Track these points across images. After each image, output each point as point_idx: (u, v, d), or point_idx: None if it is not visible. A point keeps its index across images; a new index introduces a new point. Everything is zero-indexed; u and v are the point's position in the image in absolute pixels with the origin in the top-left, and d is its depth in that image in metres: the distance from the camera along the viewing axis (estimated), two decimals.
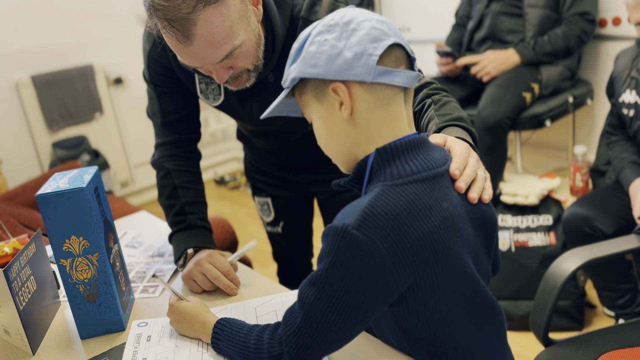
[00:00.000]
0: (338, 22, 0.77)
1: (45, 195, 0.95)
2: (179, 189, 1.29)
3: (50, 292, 1.14)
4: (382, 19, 0.79)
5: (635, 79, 1.72)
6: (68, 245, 0.98)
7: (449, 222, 0.76)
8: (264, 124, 1.29)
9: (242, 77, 1.11)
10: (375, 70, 0.75)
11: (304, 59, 0.78)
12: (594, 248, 1.34)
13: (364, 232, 0.71)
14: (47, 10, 3.18)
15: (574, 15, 2.20)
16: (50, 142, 3.26)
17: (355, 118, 0.78)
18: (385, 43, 0.76)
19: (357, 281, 0.71)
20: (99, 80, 3.38)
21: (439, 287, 0.76)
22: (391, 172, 0.76)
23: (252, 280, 1.18)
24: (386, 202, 0.73)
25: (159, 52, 1.24)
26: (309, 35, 0.79)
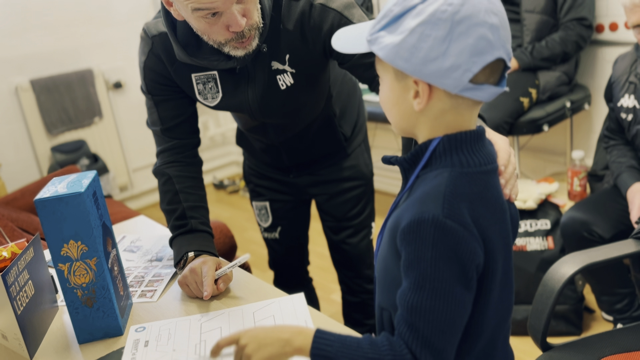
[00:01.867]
0: (449, 18, 0.69)
1: (43, 200, 0.95)
2: (180, 193, 1.29)
3: (48, 296, 1.14)
4: (497, 23, 0.71)
5: (633, 83, 1.73)
6: (66, 249, 0.99)
7: (504, 215, 0.79)
8: (262, 114, 1.31)
9: (251, 35, 1.14)
10: (464, 86, 0.72)
11: (400, 47, 0.72)
12: (592, 252, 1.35)
13: (455, 218, 0.71)
14: (46, 15, 3.19)
15: (571, 21, 2.21)
16: (49, 146, 3.27)
17: (426, 111, 0.76)
18: (486, 59, 0.71)
19: (462, 267, 0.72)
20: (99, 84, 3.39)
21: (494, 276, 0.77)
22: (460, 159, 0.76)
23: (250, 284, 1.18)
24: (463, 188, 0.74)
25: (154, 62, 1.27)
26: (412, 7, 0.71)
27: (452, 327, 0.73)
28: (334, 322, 1.02)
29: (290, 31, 1.22)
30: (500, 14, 0.72)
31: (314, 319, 1.03)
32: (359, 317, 1.72)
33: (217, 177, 4.05)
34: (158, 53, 1.26)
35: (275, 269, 1.75)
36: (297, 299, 1.09)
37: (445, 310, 0.72)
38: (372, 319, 1.75)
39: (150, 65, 1.28)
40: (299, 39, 1.23)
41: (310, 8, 1.21)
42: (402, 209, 0.77)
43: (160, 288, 1.20)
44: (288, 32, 1.22)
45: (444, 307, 0.72)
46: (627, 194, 1.71)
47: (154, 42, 1.25)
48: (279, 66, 1.25)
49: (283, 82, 1.27)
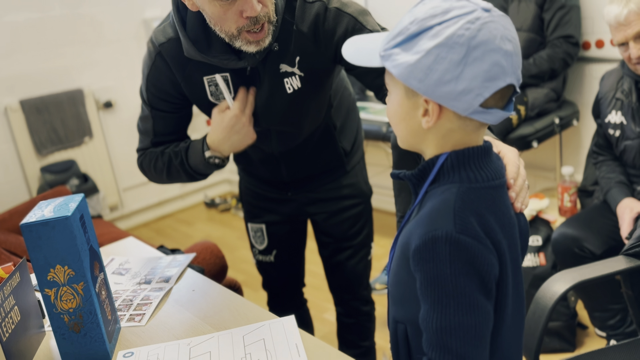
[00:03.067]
0: (466, 42, 0.70)
1: (29, 224, 0.94)
2: (164, 152, 1.38)
3: (35, 321, 1.12)
4: (511, 50, 0.72)
5: (620, 100, 1.75)
6: (53, 274, 0.97)
7: (514, 229, 0.80)
8: (266, 119, 1.31)
9: (264, 27, 1.15)
10: (474, 109, 0.73)
11: (415, 67, 0.72)
12: (583, 270, 1.35)
13: (468, 233, 0.72)
14: (36, 35, 3.19)
15: (558, 39, 2.24)
16: (38, 166, 3.24)
17: (434, 129, 0.77)
18: (498, 84, 0.72)
19: (480, 280, 0.73)
20: (89, 104, 3.38)
21: (506, 289, 0.78)
22: (467, 175, 0.76)
23: (240, 307, 1.17)
24: (472, 203, 0.74)
25: (159, 74, 1.28)
26: (430, 28, 0.72)
27: (483, 340, 0.73)
28: (325, 344, 1.01)
29: (304, 33, 1.22)
30: (514, 41, 0.73)
31: (305, 342, 1.02)
32: (354, 338, 1.70)
33: (208, 196, 4.04)
34: (166, 61, 1.26)
35: (269, 291, 1.73)
36: (288, 321, 1.08)
37: (474, 324, 0.72)
38: (367, 341, 1.73)
39: (153, 79, 1.29)
40: (311, 42, 1.23)
41: (325, 11, 1.21)
42: (411, 225, 0.78)
43: (149, 312, 1.18)
44: (301, 34, 1.23)
45: (472, 320, 0.72)
46: (616, 210, 1.71)
47: (162, 50, 1.26)
48: (287, 69, 1.25)
49: (290, 85, 1.27)
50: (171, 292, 1.25)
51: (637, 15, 1.60)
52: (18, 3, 3.10)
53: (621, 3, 1.63)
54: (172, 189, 3.87)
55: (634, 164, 1.76)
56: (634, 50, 1.62)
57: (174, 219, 3.81)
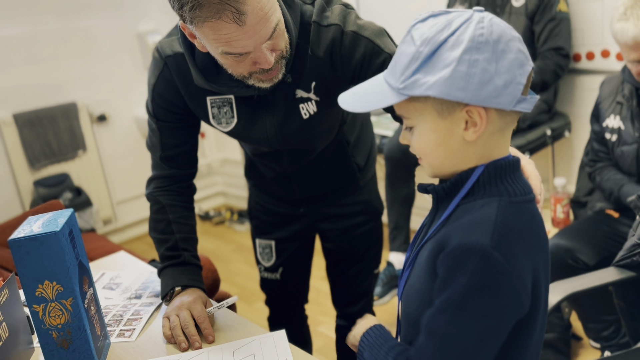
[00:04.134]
0: (488, 39, 0.71)
1: (17, 239, 0.93)
2: (173, 224, 1.28)
3: (24, 337, 1.11)
4: (519, 37, 0.75)
5: (620, 103, 1.75)
6: (41, 290, 0.97)
7: (547, 246, 0.78)
8: (279, 143, 1.28)
9: (277, 66, 1.10)
10: (518, 98, 0.73)
11: (453, 79, 0.71)
12: (575, 281, 1.35)
13: (502, 251, 0.69)
14: (30, 49, 3.20)
15: (548, 51, 2.26)
16: (32, 180, 3.23)
17: (477, 140, 0.76)
18: (527, 69, 0.74)
19: (496, 304, 0.69)
20: (83, 117, 3.38)
21: (538, 310, 0.76)
22: (506, 188, 0.75)
23: (230, 322, 1.16)
24: (513, 219, 0.72)
25: (164, 85, 1.24)
26: (444, 41, 0.72)
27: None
28: (315, 358, 1.00)
29: (320, 58, 1.18)
30: (514, 29, 0.76)
31: (295, 356, 1.01)
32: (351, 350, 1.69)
33: (202, 208, 4.03)
34: (171, 75, 1.22)
35: (272, 308, 1.70)
36: (278, 336, 1.07)
37: (457, 342, 0.70)
38: None
39: (159, 90, 1.25)
40: (327, 66, 1.19)
41: (341, 35, 1.17)
42: (443, 233, 0.75)
43: (139, 327, 1.17)
44: (317, 58, 1.18)
45: (460, 337, 0.70)
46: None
47: (167, 63, 1.22)
48: (303, 94, 1.22)
49: (306, 110, 1.24)
50: (162, 307, 1.25)
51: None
52: (12, 17, 3.11)
53: (638, 22, 1.58)
54: None
55: (630, 171, 1.76)
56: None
57: None
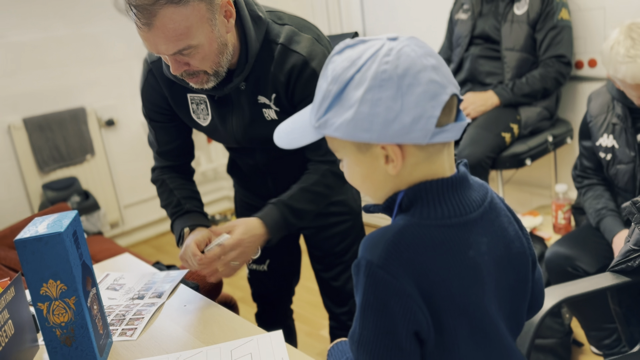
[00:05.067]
0: (392, 75, 0.69)
1: (23, 240, 0.97)
2: (174, 190, 1.45)
3: (29, 335, 1.14)
4: (436, 63, 0.71)
5: (614, 124, 1.74)
6: (45, 289, 1.00)
7: (472, 271, 0.74)
8: (245, 141, 1.38)
9: (200, 76, 1.22)
10: (432, 132, 0.70)
11: (356, 120, 0.70)
12: (570, 286, 1.36)
13: (388, 269, 0.70)
14: (40, 55, 3.26)
15: (550, 58, 2.28)
16: (40, 183, 3.29)
17: (401, 172, 0.74)
18: (443, 99, 0.70)
19: (390, 321, 0.70)
20: (91, 122, 3.43)
21: (455, 332, 0.74)
22: (421, 211, 0.74)
23: (229, 322, 1.19)
24: (410, 240, 0.72)
25: (151, 88, 1.38)
26: (350, 79, 0.70)
27: None
28: (310, 358, 1.03)
29: (280, 79, 1.27)
30: (433, 54, 0.72)
31: (291, 356, 1.04)
32: None
33: (208, 213, 4.07)
34: (155, 79, 1.36)
35: (260, 302, 1.75)
36: (275, 336, 1.10)
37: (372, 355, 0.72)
38: None
39: (146, 94, 1.40)
40: (284, 88, 1.28)
41: (303, 67, 1.25)
42: None
43: (140, 326, 1.20)
44: (277, 78, 1.27)
45: (367, 357, 0.72)
46: (613, 240, 1.70)
47: (152, 68, 1.35)
48: (265, 101, 1.31)
49: (268, 114, 1.33)
50: (163, 307, 1.28)
51: None
52: (23, 23, 3.17)
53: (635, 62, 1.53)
54: None
55: (626, 188, 1.77)
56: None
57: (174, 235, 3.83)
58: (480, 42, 2.41)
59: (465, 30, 2.44)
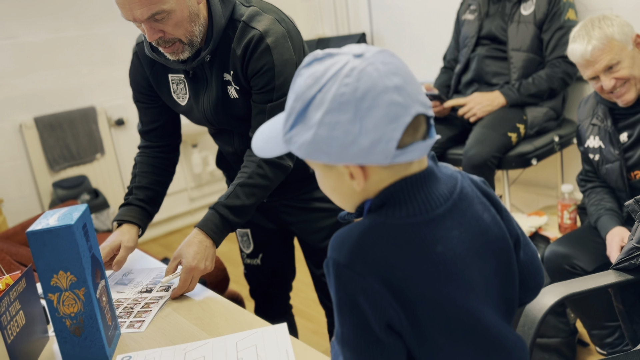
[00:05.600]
0: (350, 99, 0.68)
1: (34, 232, 0.99)
2: (137, 176, 1.55)
3: (40, 326, 1.17)
4: (400, 83, 0.69)
5: (597, 126, 1.79)
6: (56, 280, 1.02)
7: (441, 266, 0.73)
8: (215, 120, 1.45)
9: (176, 45, 1.31)
10: (393, 154, 0.69)
11: (314, 142, 0.70)
12: (572, 283, 1.37)
13: (354, 268, 0.71)
14: (51, 55, 3.30)
15: (556, 59, 2.28)
16: (51, 182, 3.33)
17: (367, 187, 0.75)
18: (405, 121, 0.68)
19: (363, 317, 0.71)
20: (101, 121, 3.47)
21: (431, 324, 0.74)
22: (387, 211, 0.74)
23: (235, 315, 1.21)
24: (374, 239, 0.72)
25: (135, 69, 1.49)
26: (312, 99, 0.70)
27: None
28: (314, 350, 1.05)
29: (237, 54, 1.35)
30: (400, 71, 0.70)
31: (295, 348, 1.05)
32: None
33: None
34: (139, 60, 1.46)
35: (256, 298, 1.77)
36: (280, 329, 1.12)
37: (355, 356, 0.73)
38: None
39: (132, 75, 1.50)
40: (240, 63, 1.35)
41: (259, 41, 1.32)
42: None
43: (148, 319, 1.23)
44: (235, 53, 1.35)
45: (353, 355, 0.73)
46: (606, 237, 1.72)
47: (137, 50, 1.46)
48: (229, 78, 1.39)
49: (231, 92, 1.40)
50: (169, 301, 1.30)
51: (601, 50, 1.65)
52: (34, 24, 3.22)
53: (583, 41, 1.67)
54: (181, 205, 3.94)
55: (618, 186, 1.79)
56: (606, 82, 1.67)
57: (183, 234, 3.87)
58: (487, 43, 2.42)
59: (472, 31, 2.45)
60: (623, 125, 1.75)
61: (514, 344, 0.81)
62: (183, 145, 3.90)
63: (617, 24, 1.68)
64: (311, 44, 3.48)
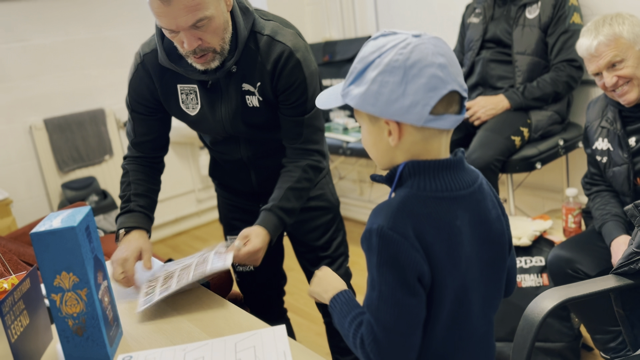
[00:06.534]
0: (402, 65, 0.82)
1: (38, 233, 1.02)
2: (132, 184, 1.54)
3: (43, 326, 1.19)
4: (444, 62, 0.83)
5: (605, 128, 1.79)
6: (59, 280, 1.05)
7: (457, 238, 0.87)
8: (232, 128, 1.47)
9: (208, 55, 1.32)
10: (426, 118, 0.83)
11: (366, 95, 0.85)
12: (572, 287, 1.37)
13: (397, 230, 0.83)
14: (61, 58, 3.35)
15: (561, 62, 2.28)
16: (60, 183, 3.37)
17: (400, 146, 0.88)
18: (441, 92, 0.82)
19: (402, 274, 0.83)
20: (110, 123, 3.51)
21: (441, 292, 0.86)
22: (418, 183, 0.87)
23: (235, 317, 1.23)
24: (410, 208, 0.85)
25: (139, 80, 1.48)
26: (372, 62, 0.84)
27: (396, 326, 0.84)
28: (311, 352, 1.06)
29: (266, 68, 1.38)
30: (446, 55, 0.84)
31: (293, 349, 1.07)
32: (345, 345, 1.75)
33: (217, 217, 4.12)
34: (146, 70, 1.45)
35: (252, 305, 1.78)
36: (278, 330, 1.13)
37: (388, 311, 0.83)
38: None
39: (134, 84, 1.49)
40: (269, 77, 1.39)
41: (289, 57, 1.36)
42: None
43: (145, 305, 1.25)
44: (264, 67, 1.38)
45: (386, 308, 0.84)
46: (611, 245, 1.71)
47: (145, 60, 1.45)
48: (249, 88, 1.41)
49: (251, 101, 1.43)
50: (172, 301, 1.32)
51: (606, 46, 1.66)
52: (45, 27, 3.26)
53: (591, 36, 1.69)
54: (189, 206, 3.97)
55: (623, 190, 1.78)
56: (608, 79, 1.68)
57: (190, 235, 3.90)
58: (492, 46, 2.42)
59: (477, 34, 2.45)
60: (632, 129, 1.75)
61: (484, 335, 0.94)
62: (190, 148, 3.93)
63: (628, 22, 1.67)
64: (318, 47, 3.49)
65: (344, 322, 0.92)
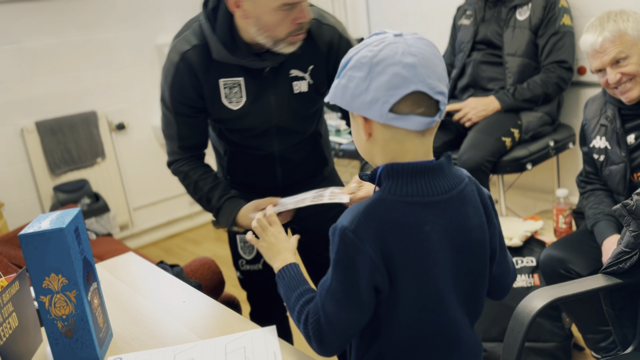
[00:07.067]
0: (369, 61, 0.85)
1: (27, 235, 1.01)
2: (198, 182, 1.54)
3: (33, 328, 1.19)
4: (413, 62, 0.83)
5: (604, 126, 1.79)
6: (47, 282, 1.04)
7: (425, 243, 0.88)
8: (279, 117, 1.48)
9: (304, 29, 1.35)
10: (387, 115, 0.85)
11: (336, 88, 0.90)
12: (562, 287, 1.38)
13: (358, 234, 0.85)
14: (53, 60, 3.33)
15: (551, 64, 2.30)
16: (52, 185, 3.35)
17: (373, 142, 0.90)
18: (402, 92, 0.83)
19: (354, 275, 0.86)
20: (102, 126, 3.50)
21: (405, 290, 0.88)
22: (390, 187, 0.88)
23: (226, 318, 1.23)
24: (377, 212, 0.87)
25: (180, 82, 1.43)
26: (349, 60, 0.89)
27: (337, 319, 0.88)
28: (302, 353, 1.06)
29: (319, 49, 1.44)
30: (418, 55, 0.84)
31: (283, 350, 1.07)
32: None
33: None
34: (188, 68, 1.41)
35: (254, 303, 1.78)
36: (269, 331, 1.13)
37: (333, 304, 0.88)
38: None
39: (176, 86, 1.44)
40: (324, 58, 1.44)
41: (339, 38, 1.45)
42: None
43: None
44: (317, 49, 1.43)
45: (333, 302, 0.88)
46: (603, 244, 1.72)
47: (185, 57, 1.40)
48: (298, 74, 1.45)
49: (299, 87, 1.46)
50: (162, 303, 1.32)
51: (611, 42, 1.66)
52: (36, 29, 3.25)
53: (596, 32, 1.69)
54: (181, 209, 3.96)
55: (618, 189, 1.79)
56: (611, 75, 1.67)
57: (182, 238, 3.89)
58: (483, 48, 2.43)
59: (468, 36, 2.46)
60: (631, 126, 1.75)
61: (465, 339, 0.94)
62: None
63: (633, 19, 1.67)
64: None
65: (291, 296, 0.97)
